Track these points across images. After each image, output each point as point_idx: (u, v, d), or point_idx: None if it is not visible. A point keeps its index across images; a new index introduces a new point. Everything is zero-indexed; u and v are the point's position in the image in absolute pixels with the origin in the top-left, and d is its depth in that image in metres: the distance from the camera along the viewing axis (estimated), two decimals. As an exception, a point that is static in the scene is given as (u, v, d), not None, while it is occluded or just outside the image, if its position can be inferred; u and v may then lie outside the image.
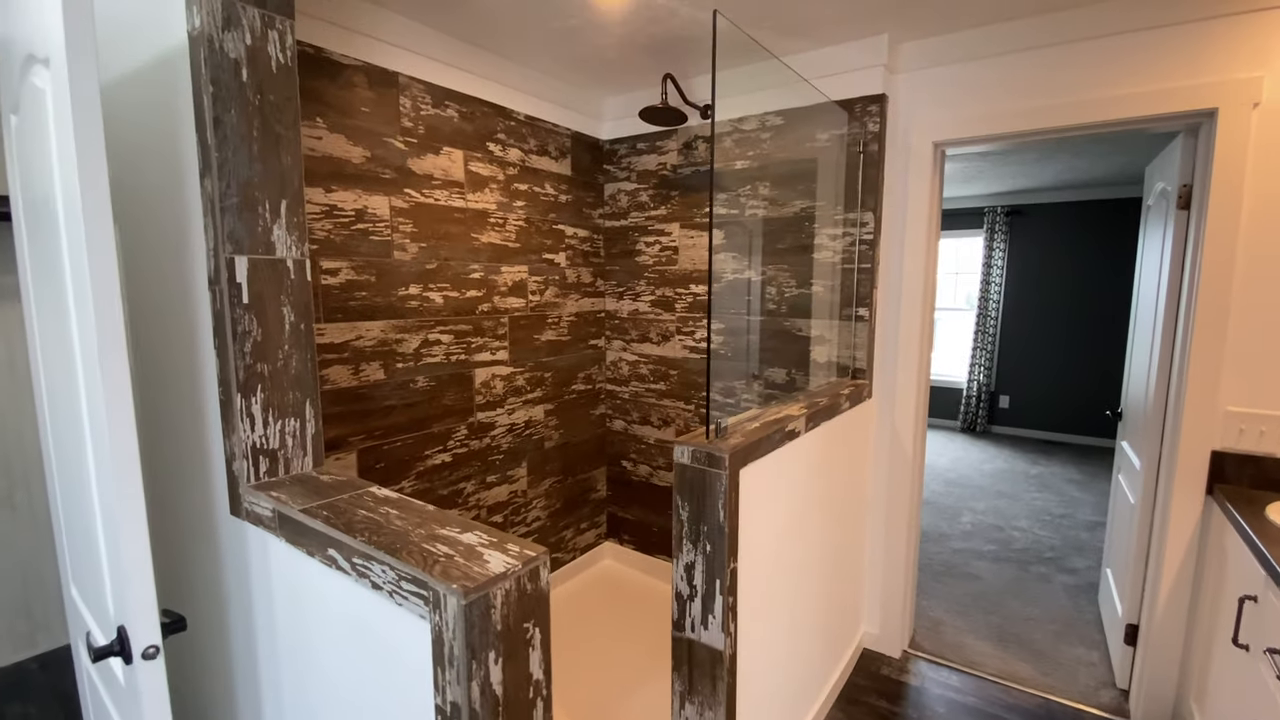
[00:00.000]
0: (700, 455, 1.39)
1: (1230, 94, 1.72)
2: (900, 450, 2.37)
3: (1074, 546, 3.50)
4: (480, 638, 0.76)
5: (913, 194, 2.24)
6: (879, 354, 2.36)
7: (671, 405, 2.80)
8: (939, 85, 2.15)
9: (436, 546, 0.85)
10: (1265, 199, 1.71)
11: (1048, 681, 2.30)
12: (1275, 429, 1.75)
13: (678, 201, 2.66)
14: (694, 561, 1.44)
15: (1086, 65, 1.91)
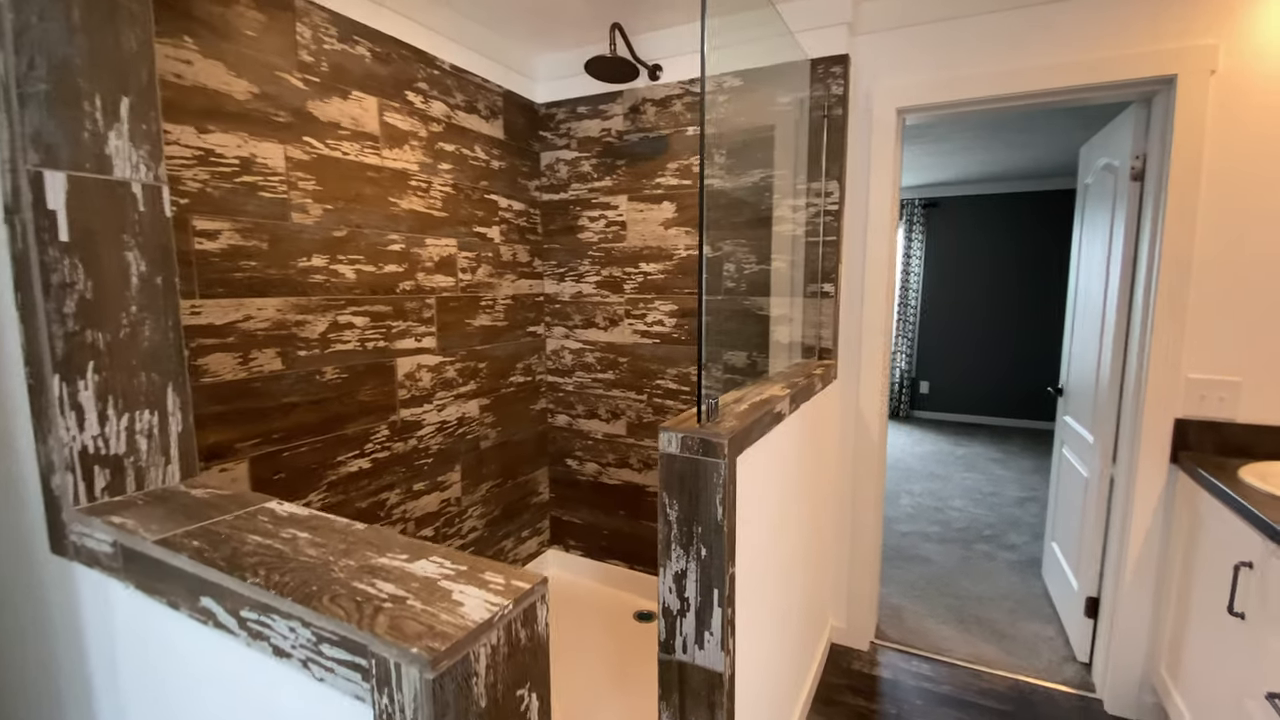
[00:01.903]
0: (693, 443, 1.16)
1: (1189, 61, 1.71)
2: (866, 434, 2.26)
3: (1009, 523, 3.58)
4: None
5: (875, 162, 2.13)
6: (844, 333, 2.24)
7: (622, 396, 2.57)
8: (902, 48, 2.04)
9: (376, 585, 0.57)
10: (1223, 166, 1.71)
11: (1013, 661, 2.27)
12: (1234, 394, 1.76)
13: (624, 172, 2.42)
14: (685, 569, 1.22)
15: (1051, 29, 1.85)
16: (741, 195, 2.26)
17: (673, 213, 2.36)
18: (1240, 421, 1.75)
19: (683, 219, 2.35)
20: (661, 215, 2.38)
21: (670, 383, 2.45)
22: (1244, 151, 1.68)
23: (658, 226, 2.39)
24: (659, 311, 2.44)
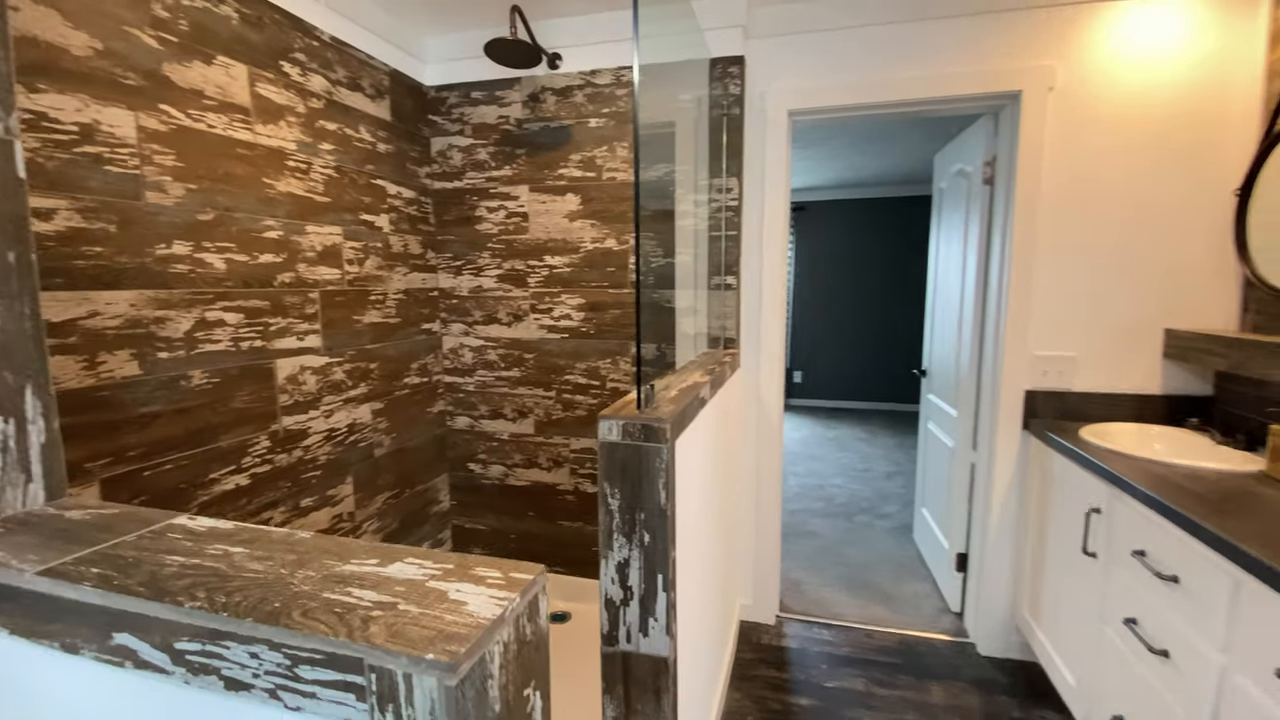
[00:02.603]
0: (635, 429, 1.15)
1: (1032, 79, 1.98)
2: (767, 419, 2.37)
3: (881, 495, 3.95)
4: (476, 734, 0.44)
5: (770, 161, 2.24)
6: (745, 324, 2.33)
7: (529, 394, 2.49)
8: (792, 53, 2.17)
9: (353, 594, 0.50)
10: (1059, 170, 2.01)
11: (899, 618, 2.50)
12: (1070, 367, 2.07)
13: (525, 161, 2.35)
14: (629, 558, 1.20)
15: (921, 45, 2.06)
16: (646, 189, 2.27)
17: (578, 205, 2.33)
18: (1077, 390, 2.06)
19: (588, 211, 2.32)
20: (566, 207, 2.34)
21: (580, 378, 2.42)
22: (1076, 157, 1.99)
23: (562, 219, 2.35)
24: (566, 305, 2.39)
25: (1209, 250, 1.93)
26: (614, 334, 2.37)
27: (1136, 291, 1.99)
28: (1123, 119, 1.93)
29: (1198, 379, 1.98)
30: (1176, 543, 1.30)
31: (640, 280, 1.22)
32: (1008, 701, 2.01)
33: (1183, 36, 1.86)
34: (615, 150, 2.27)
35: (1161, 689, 1.33)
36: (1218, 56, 1.85)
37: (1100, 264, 2.01)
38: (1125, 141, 1.94)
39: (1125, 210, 1.97)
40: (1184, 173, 1.92)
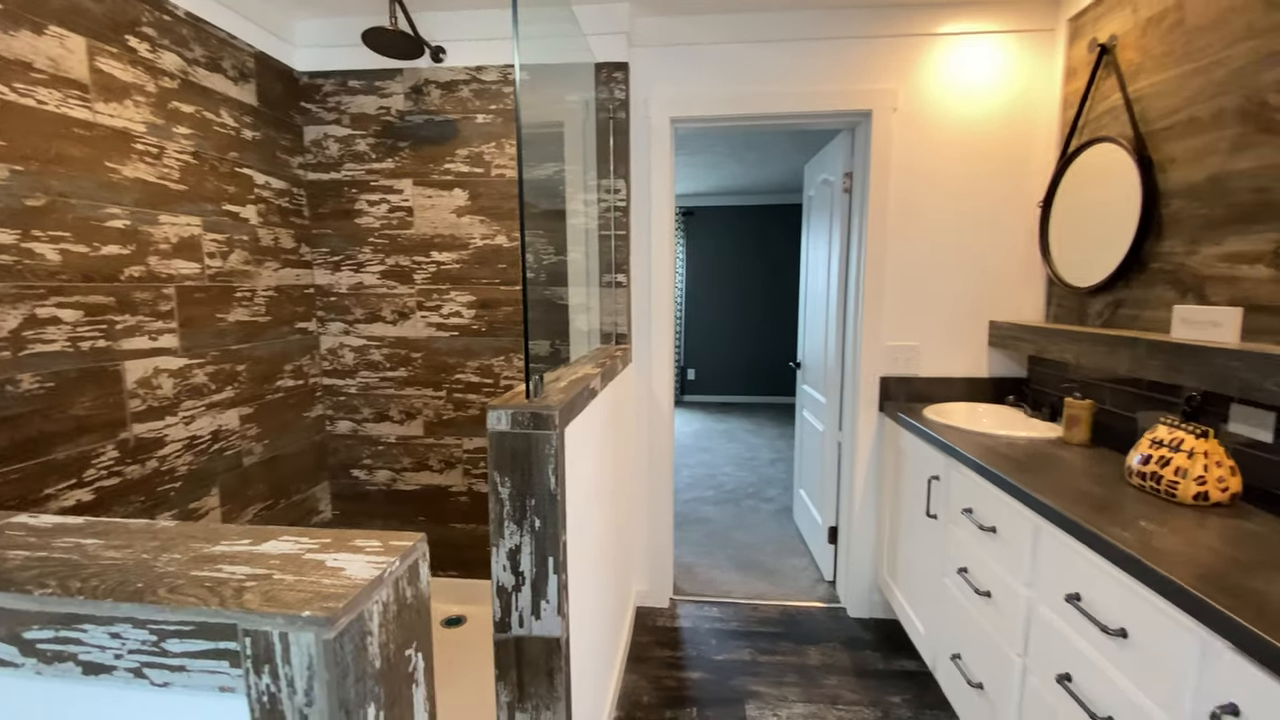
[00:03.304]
0: (524, 417, 1.18)
1: (879, 100, 2.23)
2: (658, 411, 2.48)
3: (765, 481, 4.22)
4: (357, 688, 0.47)
5: (655, 165, 2.35)
6: (636, 320, 2.42)
7: (417, 395, 2.42)
8: (674, 63, 2.29)
9: (224, 570, 0.51)
10: (903, 182, 2.27)
11: (781, 591, 2.70)
12: (915, 355, 2.35)
13: (409, 155, 2.29)
14: (520, 544, 1.23)
15: (791, 62, 2.25)
16: (537, 187, 2.30)
17: (465, 200, 2.30)
18: (921, 375, 2.34)
19: (477, 208, 2.31)
20: (453, 203, 2.31)
21: (472, 376, 2.39)
22: (916, 171, 2.26)
23: (449, 214, 2.32)
24: (456, 303, 2.36)
25: (1022, 253, 2.27)
26: (507, 331, 2.37)
27: (966, 289, 2.30)
28: (953, 139, 2.23)
29: (1015, 363, 2.33)
30: (994, 499, 1.54)
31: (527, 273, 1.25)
32: (873, 656, 2.24)
33: (998, 70, 2.18)
34: (504, 147, 2.27)
35: (987, 626, 1.56)
36: (1026, 88, 2.18)
37: (937, 265, 2.30)
38: (955, 159, 2.24)
39: (956, 219, 2.27)
40: (1001, 188, 2.24)
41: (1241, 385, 1.22)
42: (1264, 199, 1.33)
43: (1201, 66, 1.50)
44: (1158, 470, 1.31)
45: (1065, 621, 1.24)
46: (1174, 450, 1.30)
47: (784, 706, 1.97)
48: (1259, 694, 0.80)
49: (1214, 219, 1.47)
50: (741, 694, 2.04)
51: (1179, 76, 1.57)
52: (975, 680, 1.60)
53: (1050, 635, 1.29)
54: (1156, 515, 1.21)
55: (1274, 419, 1.30)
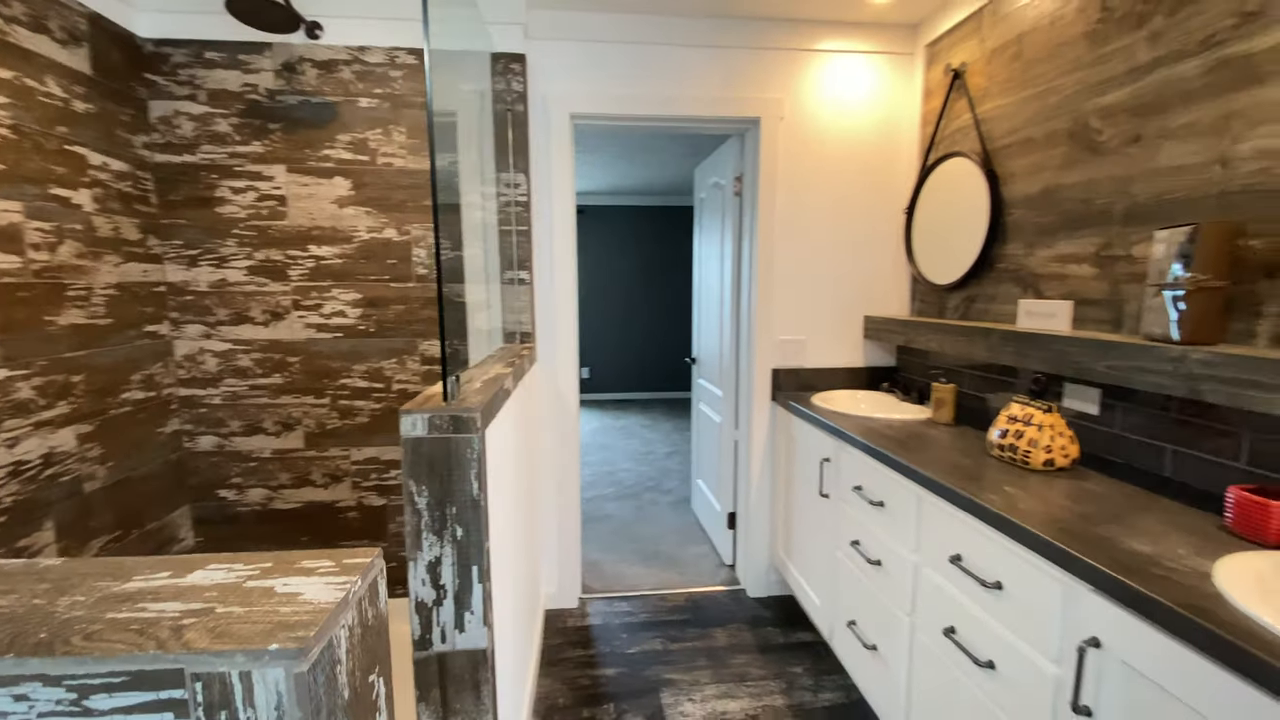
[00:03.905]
0: (443, 421, 1.12)
1: (767, 108, 2.37)
2: (565, 409, 2.45)
3: (663, 474, 4.33)
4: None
5: (555, 160, 2.32)
6: (540, 318, 2.38)
7: (295, 403, 2.20)
8: (573, 59, 2.27)
9: (149, 609, 0.43)
10: (789, 187, 2.43)
11: (685, 579, 2.79)
12: (803, 348, 2.52)
13: (281, 138, 2.08)
14: (441, 556, 1.17)
15: (685, 66, 2.32)
16: (428, 178, 2.18)
17: (348, 190, 2.13)
18: (808, 366, 2.52)
19: (362, 198, 2.14)
20: (334, 192, 2.12)
21: (360, 381, 2.22)
22: (800, 177, 2.42)
23: (330, 204, 2.13)
24: (339, 301, 2.18)
25: (891, 254, 2.51)
26: (398, 331, 2.23)
27: (844, 286, 2.51)
28: (832, 148, 2.42)
29: (886, 352, 2.58)
30: (881, 476, 1.69)
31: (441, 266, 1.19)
32: (774, 631, 2.38)
33: (869, 87, 2.40)
34: (391, 134, 2.13)
35: (878, 592, 1.71)
36: (892, 105, 2.42)
37: (820, 264, 2.48)
38: (834, 166, 2.43)
39: (835, 222, 2.47)
40: (873, 194, 2.47)
41: (1075, 367, 1.44)
42: (1088, 208, 1.58)
43: (1037, 93, 1.75)
44: (1014, 442, 1.51)
45: (948, 581, 1.40)
46: (1026, 424, 1.51)
47: (697, 690, 2.04)
48: (1115, 625, 0.96)
49: (1047, 226, 1.72)
50: (656, 683, 2.08)
51: (1018, 101, 1.83)
52: (870, 643, 1.75)
53: (935, 594, 1.44)
54: (1016, 481, 1.40)
55: (1099, 395, 1.55)
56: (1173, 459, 1.37)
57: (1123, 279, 1.48)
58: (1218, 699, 0.80)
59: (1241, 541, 1.06)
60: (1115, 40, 1.49)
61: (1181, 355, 1.18)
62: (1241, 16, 1.21)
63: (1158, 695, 0.89)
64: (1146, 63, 1.41)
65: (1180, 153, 1.34)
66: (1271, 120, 1.16)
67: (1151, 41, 1.40)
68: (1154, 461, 1.41)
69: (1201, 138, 1.29)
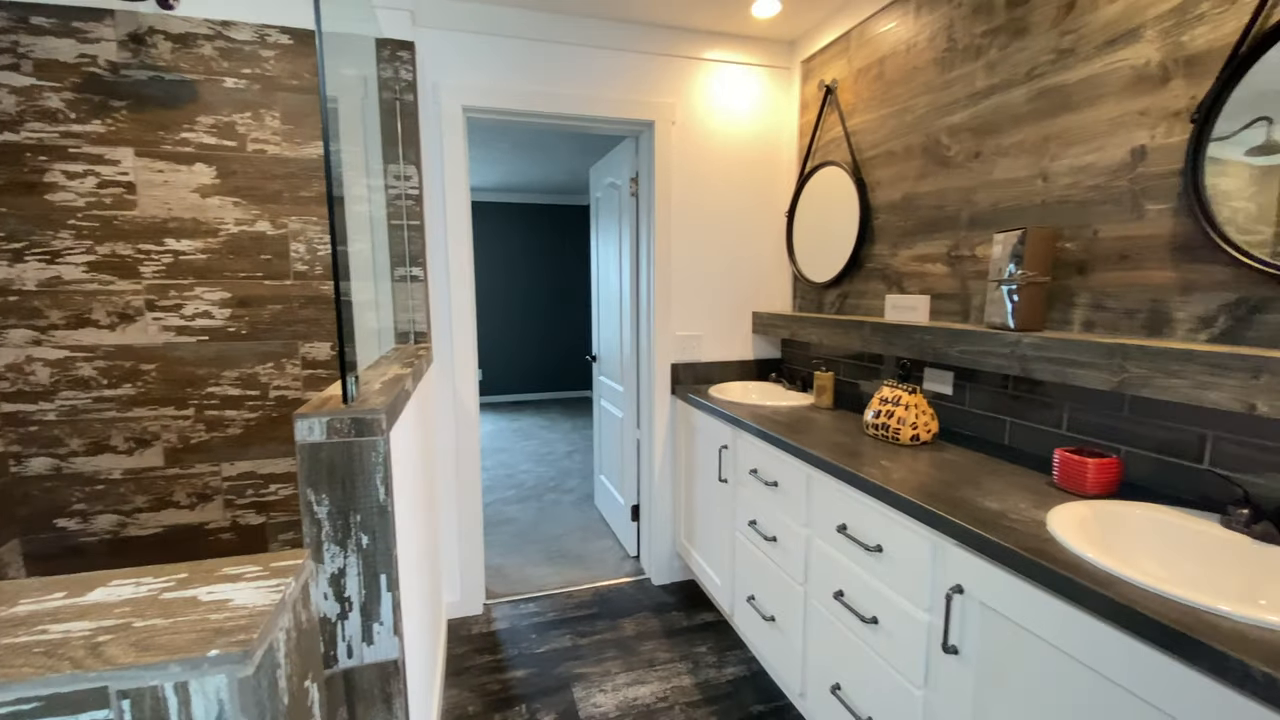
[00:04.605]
0: (344, 424, 1.06)
1: (660, 112, 2.45)
2: (464, 411, 2.39)
3: (564, 473, 4.32)
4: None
5: (448, 152, 2.25)
6: (435, 316, 2.30)
7: (152, 416, 1.96)
8: (466, 50, 2.22)
9: (51, 630, 0.39)
10: (682, 188, 2.53)
11: (592, 575, 2.82)
12: (699, 343, 2.64)
13: (127, 118, 1.84)
14: (345, 567, 1.10)
15: (582, 66, 2.34)
16: (308, 166, 2.03)
17: (212, 178, 1.94)
18: (704, 360, 2.64)
19: (229, 188, 1.95)
20: (195, 180, 1.92)
21: (231, 388, 2.02)
22: (693, 179, 2.53)
23: (190, 193, 1.92)
24: (204, 301, 1.97)
25: (776, 254, 2.69)
26: (275, 333, 2.06)
27: (735, 283, 2.66)
28: (721, 153, 2.55)
29: (774, 345, 2.76)
30: (773, 458, 1.82)
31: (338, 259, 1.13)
32: (679, 615, 2.47)
33: (753, 96, 2.55)
34: (263, 118, 1.96)
35: (775, 566, 1.84)
36: (775, 115, 2.59)
37: (713, 262, 2.61)
38: (723, 170, 2.56)
39: (726, 223, 2.60)
40: (759, 198, 2.63)
41: (933, 353, 1.64)
42: (940, 214, 1.80)
43: (896, 111, 1.96)
44: (885, 421, 1.69)
45: (836, 549, 1.54)
46: (895, 405, 1.69)
47: (608, 680, 2.07)
48: (975, 572, 1.11)
49: (907, 229, 1.94)
50: (567, 679, 2.09)
51: (881, 118, 2.04)
52: (768, 615, 1.88)
53: (825, 562, 1.58)
54: (889, 455, 1.57)
55: (953, 377, 1.77)
56: (1011, 429, 1.61)
57: (969, 276, 1.71)
58: (1053, 622, 0.96)
59: (1066, 494, 1.27)
60: (959, 68, 1.71)
61: (1016, 340, 1.39)
62: (1058, 53, 1.44)
63: (1008, 627, 1.05)
64: (984, 89, 1.64)
65: (1012, 167, 1.57)
66: (1080, 142, 1.40)
67: (988, 71, 1.63)
68: (998, 432, 1.65)
69: (1027, 155, 1.52)
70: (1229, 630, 0.79)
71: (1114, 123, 1.33)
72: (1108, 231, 1.34)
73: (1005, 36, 1.57)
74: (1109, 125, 1.34)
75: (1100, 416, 1.39)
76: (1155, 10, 1.25)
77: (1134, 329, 1.30)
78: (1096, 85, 1.36)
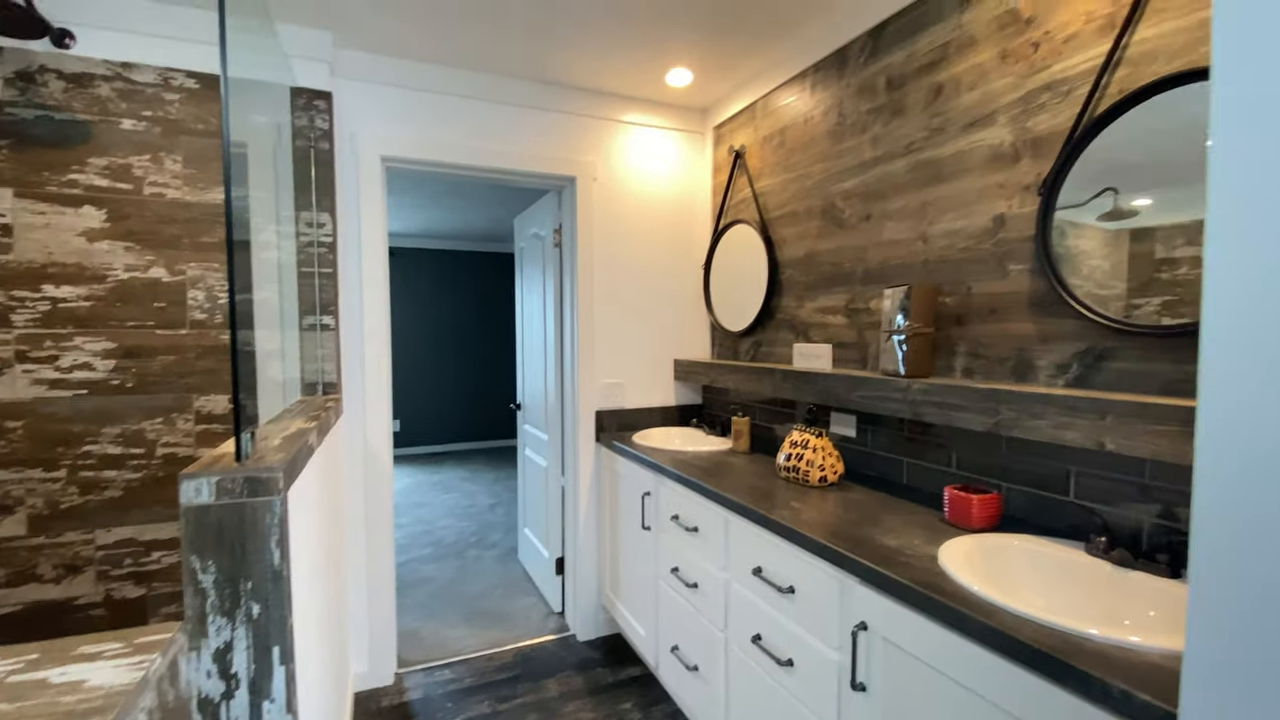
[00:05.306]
0: (235, 484, 1.00)
1: (582, 169, 2.54)
2: (376, 466, 2.29)
3: (487, 527, 4.17)
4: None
5: (365, 201, 2.23)
6: (347, 367, 2.22)
7: (15, 479, 1.76)
8: (387, 101, 2.23)
9: None
10: (605, 242, 2.61)
11: (514, 634, 2.71)
12: (623, 391, 2.67)
13: (8, 157, 1.71)
14: (232, 640, 1.02)
15: (504, 122, 2.40)
16: (209, 212, 1.95)
17: (102, 222, 1.82)
18: (628, 407, 2.67)
19: (121, 231, 1.84)
20: (82, 223, 1.80)
21: (112, 447, 1.85)
22: (615, 234, 2.61)
23: (75, 237, 1.80)
24: (84, 352, 1.82)
25: (695, 304, 2.80)
26: (167, 385, 1.92)
27: (657, 331, 2.73)
28: (641, 209, 2.66)
29: (694, 392, 2.83)
30: (694, 503, 1.85)
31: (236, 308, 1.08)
32: (604, 672, 2.40)
33: (670, 158, 2.70)
34: (163, 162, 1.88)
35: (696, 613, 1.85)
36: (690, 174, 2.74)
37: (635, 312, 2.68)
38: (644, 225, 2.67)
39: (647, 274, 2.69)
40: (679, 250, 2.75)
41: (837, 399, 1.74)
42: (838, 270, 1.95)
43: (797, 176, 2.13)
44: (796, 464, 1.77)
45: (753, 592, 1.57)
46: (804, 448, 1.78)
47: (529, 746, 1.98)
48: (877, 608, 1.17)
49: (810, 283, 2.08)
50: (485, 748, 1.97)
51: (784, 181, 2.20)
52: (691, 664, 1.87)
53: (744, 606, 1.61)
54: (799, 497, 1.64)
55: (856, 420, 1.89)
56: (909, 469, 1.72)
57: (865, 326, 1.85)
58: (945, 653, 1.02)
59: (956, 529, 1.37)
60: (849, 140, 1.90)
61: (907, 386, 1.51)
62: (930, 131, 1.63)
63: (908, 660, 1.11)
64: (870, 159, 1.82)
65: (897, 230, 1.73)
66: (952, 209, 1.57)
67: (874, 144, 1.81)
68: (897, 471, 1.76)
69: (910, 219, 1.69)
70: (1093, 651, 0.87)
71: (978, 193, 1.50)
72: (979, 288, 1.50)
73: (887, 114, 1.76)
74: (975, 195, 1.51)
75: (984, 455, 1.51)
76: (1005, 99, 1.45)
77: (1005, 375, 1.45)
78: (963, 160, 1.54)
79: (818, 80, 2.03)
